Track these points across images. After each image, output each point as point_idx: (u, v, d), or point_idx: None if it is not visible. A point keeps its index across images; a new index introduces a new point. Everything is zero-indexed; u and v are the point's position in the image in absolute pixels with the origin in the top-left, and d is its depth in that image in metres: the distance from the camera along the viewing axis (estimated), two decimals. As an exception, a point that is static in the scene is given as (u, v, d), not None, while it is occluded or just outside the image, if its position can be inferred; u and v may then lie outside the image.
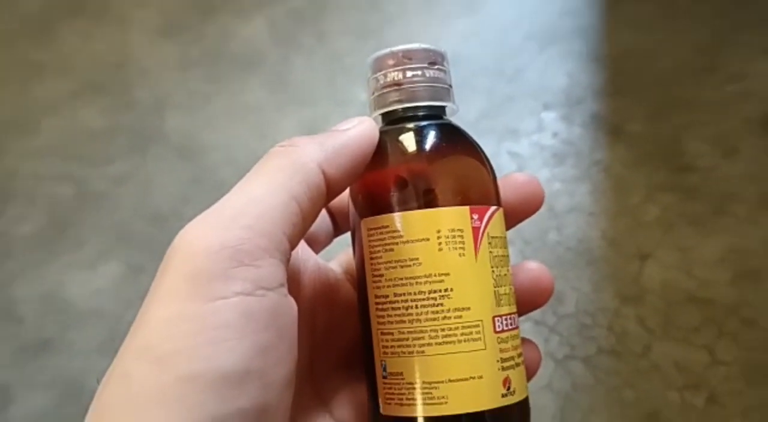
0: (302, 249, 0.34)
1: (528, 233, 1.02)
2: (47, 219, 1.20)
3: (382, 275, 0.30)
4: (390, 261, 0.29)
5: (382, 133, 0.32)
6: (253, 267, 0.24)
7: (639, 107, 1.15)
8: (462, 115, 0.33)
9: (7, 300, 1.10)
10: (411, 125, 0.33)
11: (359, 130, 0.30)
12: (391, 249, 0.29)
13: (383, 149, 0.32)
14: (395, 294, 0.29)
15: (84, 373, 1.00)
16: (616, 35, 1.28)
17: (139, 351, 0.23)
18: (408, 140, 0.32)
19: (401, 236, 0.29)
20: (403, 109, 0.33)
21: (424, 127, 0.33)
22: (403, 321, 0.29)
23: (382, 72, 0.33)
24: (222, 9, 1.51)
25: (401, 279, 0.29)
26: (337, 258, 0.39)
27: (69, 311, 1.07)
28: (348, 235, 0.35)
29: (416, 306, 0.29)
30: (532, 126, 1.15)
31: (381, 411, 0.30)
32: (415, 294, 0.29)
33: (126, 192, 1.22)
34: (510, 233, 0.33)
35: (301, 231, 0.27)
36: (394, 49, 0.33)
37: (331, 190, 0.29)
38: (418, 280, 0.29)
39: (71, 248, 1.15)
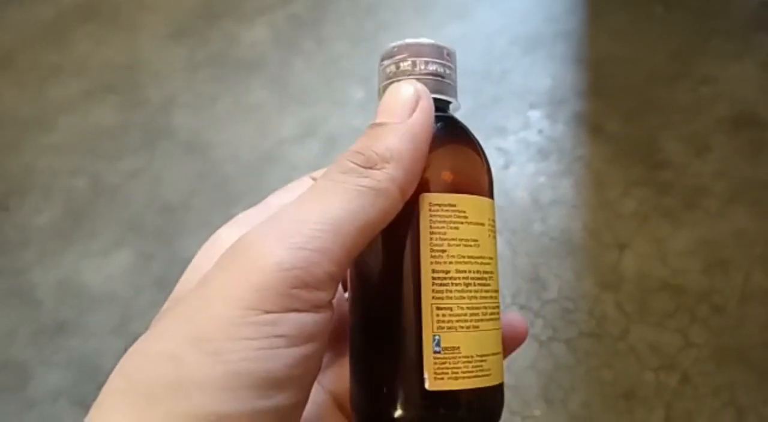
0: None
1: (514, 224, 1.02)
2: (63, 211, 1.19)
3: (444, 251, 0.28)
4: (455, 239, 0.29)
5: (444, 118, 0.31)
6: (316, 290, 0.24)
7: (618, 107, 1.15)
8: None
9: (26, 286, 1.09)
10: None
11: (424, 122, 0.28)
12: (457, 228, 0.29)
13: (453, 129, 0.31)
14: (457, 271, 0.28)
15: (98, 353, 1.00)
16: (597, 40, 1.28)
17: (194, 340, 0.23)
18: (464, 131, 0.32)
19: (466, 217, 0.29)
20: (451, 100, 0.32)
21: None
22: (463, 297, 0.28)
23: (424, 58, 0.31)
24: (226, 15, 1.51)
25: (464, 257, 0.29)
26: None
27: (84, 296, 1.07)
28: None
29: (474, 284, 0.29)
30: (518, 123, 1.15)
31: (428, 386, 0.28)
32: (474, 272, 0.29)
33: (137, 185, 1.21)
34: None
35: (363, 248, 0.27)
36: (422, 40, 0.31)
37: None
38: (476, 260, 0.29)
39: (86, 237, 1.15)
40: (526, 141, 1.12)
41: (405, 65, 0.31)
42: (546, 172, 1.08)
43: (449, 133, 0.31)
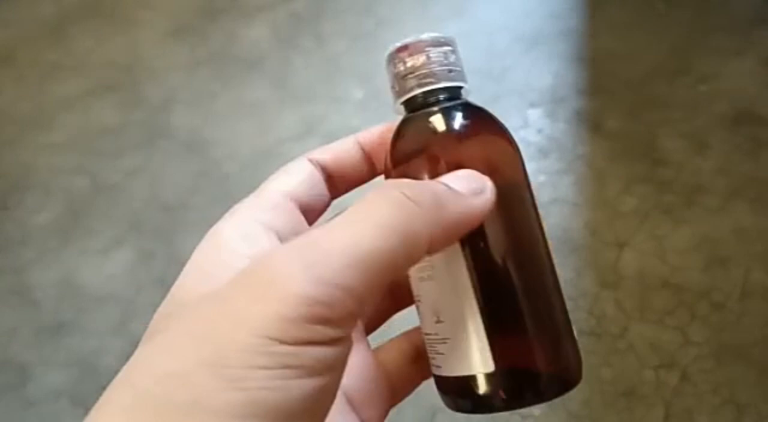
0: None
1: (514, 222, 1.02)
2: (63, 209, 1.19)
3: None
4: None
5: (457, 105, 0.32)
6: (337, 327, 0.24)
7: (618, 105, 1.15)
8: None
9: (25, 285, 1.09)
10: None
11: (481, 206, 0.28)
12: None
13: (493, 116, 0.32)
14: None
15: (98, 353, 1.00)
16: (598, 38, 1.28)
17: (209, 364, 0.23)
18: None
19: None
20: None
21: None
22: None
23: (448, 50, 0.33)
24: (226, 12, 1.51)
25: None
26: None
27: (83, 295, 1.07)
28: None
29: None
30: (518, 122, 1.15)
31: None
32: None
33: (136, 183, 1.21)
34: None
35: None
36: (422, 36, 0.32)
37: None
38: None
39: (85, 236, 1.14)
40: (526, 140, 1.12)
41: (435, 55, 0.32)
42: (546, 170, 1.08)
43: (497, 121, 0.32)
